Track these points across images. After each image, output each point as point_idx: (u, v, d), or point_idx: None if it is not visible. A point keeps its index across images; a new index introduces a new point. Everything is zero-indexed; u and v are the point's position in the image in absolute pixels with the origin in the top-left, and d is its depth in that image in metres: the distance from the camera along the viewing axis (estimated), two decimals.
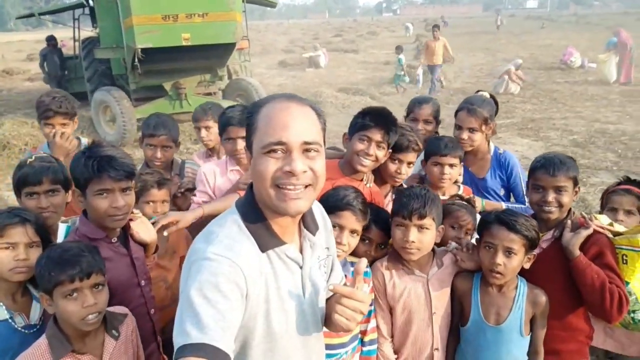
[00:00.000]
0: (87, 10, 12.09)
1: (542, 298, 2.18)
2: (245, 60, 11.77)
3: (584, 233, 2.16)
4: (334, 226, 2.06)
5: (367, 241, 2.32)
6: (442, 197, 2.65)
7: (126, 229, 2.16)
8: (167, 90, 9.68)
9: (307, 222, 1.54)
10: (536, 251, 2.18)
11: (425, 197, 2.15)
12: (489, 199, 2.98)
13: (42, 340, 1.75)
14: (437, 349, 2.24)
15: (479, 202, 2.79)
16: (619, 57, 14.73)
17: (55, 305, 1.73)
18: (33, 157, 2.41)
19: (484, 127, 2.96)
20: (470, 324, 2.23)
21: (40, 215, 2.17)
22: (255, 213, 1.43)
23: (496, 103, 3.19)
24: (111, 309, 1.90)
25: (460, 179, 2.95)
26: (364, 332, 2.22)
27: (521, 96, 13.69)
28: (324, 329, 1.63)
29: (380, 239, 2.32)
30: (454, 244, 2.35)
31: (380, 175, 2.72)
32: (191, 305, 1.24)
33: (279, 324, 1.41)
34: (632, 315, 2.21)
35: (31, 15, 14.61)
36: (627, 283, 2.18)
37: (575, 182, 2.26)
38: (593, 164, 7.82)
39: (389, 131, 2.45)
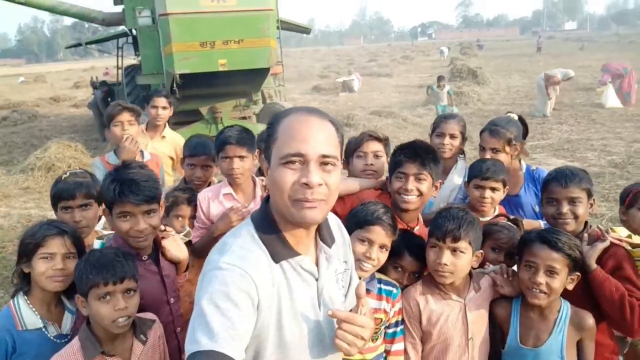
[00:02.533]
0: (130, 39, 12.71)
1: (589, 321, 2.09)
2: (280, 85, 12.02)
3: (601, 246, 2.14)
4: (363, 240, 2.07)
5: (399, 269, 2.25)
6: (483, 219, 2.59)
7: (158, 247, 2.22)
8: (203, 115, 9.97)
9: (322, 234, 1.54)
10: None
11: (461, 219, 2.06)
12: (523, 216, 2.92)
13: (75, 342, 1.85)
14: None
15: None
16: (618, 85, 14.82)
17: (89, 307, 1.83)
18: (67, 174, 2.53)
19: (507, 148, 2.94)
20: (507, 347, 2.17)
21: (76, 228, 2.27)
22: (270, 224, 1.45)
23: (525, 125, 3.18)
24: (140, 314, 1.99)
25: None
26: (388, 352, 2.17)
27: (557, 117, 13.47)
28: None
29: (414, 267, 2.25)
30: (492, 267, 2.28)
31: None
32: (202, 313, 1.26)
33: (292, 335, 1.41)
34: None
35: (78, 44, 15.42)
36: None
37: (589, 194, 2.25)
38: None
39: (425, 160, 2.35)
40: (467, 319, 2.13)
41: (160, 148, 4.15)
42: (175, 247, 2.28)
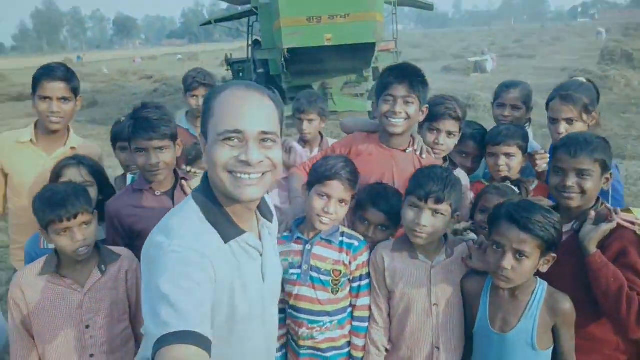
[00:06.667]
0: (258, 18, 13.33)
1: (565, 305, 1.83)
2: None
3: (605, 227, 1.81)
4: (322, 195, 2.06)
5: (365, 222, 2.21)
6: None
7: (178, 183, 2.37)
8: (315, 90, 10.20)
9: (263, 211, 1.58)
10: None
11: (446, 180, 1.95)
12: None
13: (43, 258, 2.05)
14: (437, 347, 2.03)
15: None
16: None
17: (51, 239, 1.99)
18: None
19: (584, 116, 2.49)
20: (476, 328, 1.98)
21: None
22: (214, 203, 1.43)
23: (596, 90, 2.68)
24: (113, 248, 2.13)
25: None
26: (354, 307, 2.14)
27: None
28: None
29: (379, 220, 2.18)
30: (472, 235, 2.13)
31: None
32: (164, 296, 1.20)
33: (242, 310, 1.44)
34: None
35: (209, 23, 16.47)
36: None
37: (604, 167, 1.90)
38: None
39: (413, 83, 2.22)
40: (431, 282, 2.02)
41: None
42: None
